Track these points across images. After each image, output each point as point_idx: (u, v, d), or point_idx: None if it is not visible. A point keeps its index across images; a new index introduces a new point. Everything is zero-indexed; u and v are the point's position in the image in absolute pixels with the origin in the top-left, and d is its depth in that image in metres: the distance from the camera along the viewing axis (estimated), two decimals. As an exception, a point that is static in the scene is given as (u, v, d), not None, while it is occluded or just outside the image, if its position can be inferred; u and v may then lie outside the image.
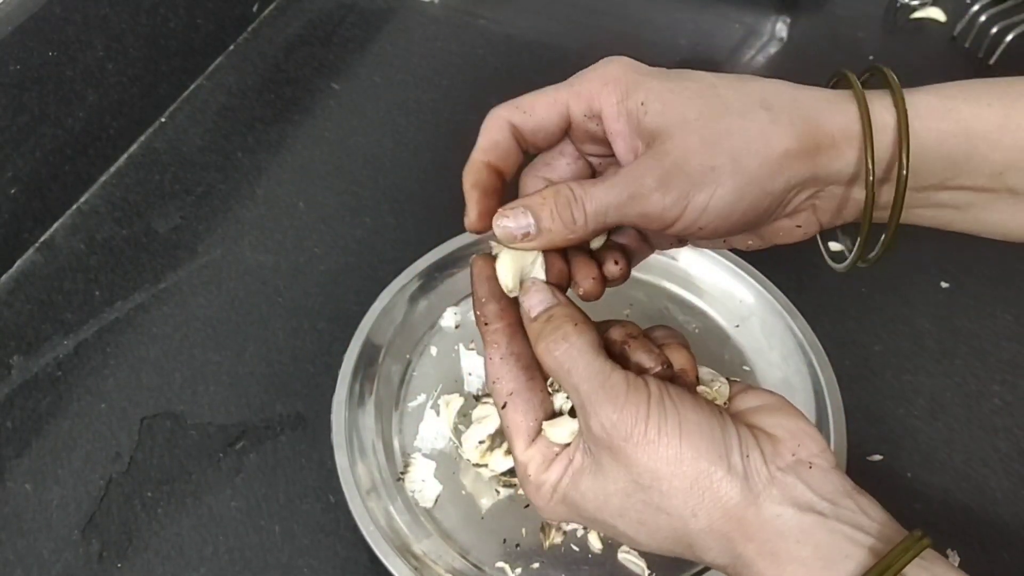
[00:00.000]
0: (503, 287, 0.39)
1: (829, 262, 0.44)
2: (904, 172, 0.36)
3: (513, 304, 0.39)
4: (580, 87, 0.39)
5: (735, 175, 0.35)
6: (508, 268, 0.39)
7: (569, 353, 0.36)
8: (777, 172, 0.36)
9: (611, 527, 0.36)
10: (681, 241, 0.42)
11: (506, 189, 0.40)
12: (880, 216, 0.39)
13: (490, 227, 0.39)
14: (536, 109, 0.39)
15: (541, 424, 0.38)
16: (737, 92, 0.37)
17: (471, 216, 0.39)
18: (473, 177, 0.40)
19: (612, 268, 0.41)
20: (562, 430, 0.37)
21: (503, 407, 0.38)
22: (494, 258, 0.39)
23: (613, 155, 0.39)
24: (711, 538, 0.34)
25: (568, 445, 0.37)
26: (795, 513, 0.33)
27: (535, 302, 0.38)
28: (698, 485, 0.34)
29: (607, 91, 0.38)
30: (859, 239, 0.39)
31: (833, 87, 0.39)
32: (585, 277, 0.40)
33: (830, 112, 0.37)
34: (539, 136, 0.40)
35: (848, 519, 0.33)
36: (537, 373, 0.39)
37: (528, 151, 0.41)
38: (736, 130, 0.36)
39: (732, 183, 0.35)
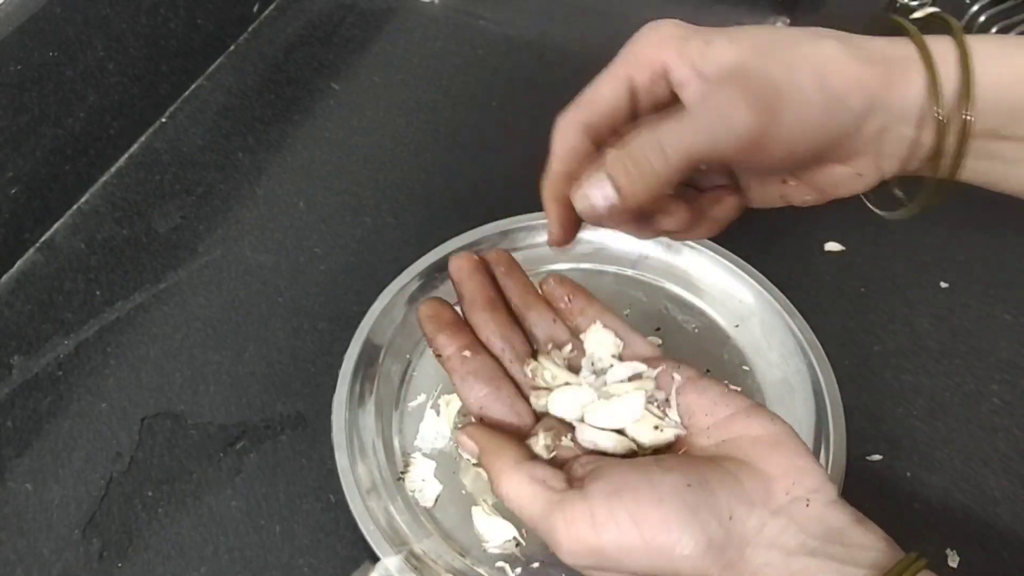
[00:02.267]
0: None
1: (876, 210, 0.42)
2: (968, 108, 0.36)
3: (463, 325, 0.42)
4: (636, 55, 0.37)
5: (820, 91, 0.35)
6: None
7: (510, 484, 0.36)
8: (857, 89, 0.36)
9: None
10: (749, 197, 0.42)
11: None
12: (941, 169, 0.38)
13: (573, 241, 0.39)
14: (601, 95, 0.38)
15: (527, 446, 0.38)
16: (801, 29, 0.37)
17: (554, 232, 0.38)
18: (553, 190, 0.38)
19: (726, 203, 0.40)
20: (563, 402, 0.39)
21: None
22: (436, 300, 0.43)
23: None
24: None
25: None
26: (783, 558, 0.33)
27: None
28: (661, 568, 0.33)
29: (665, 47, 0.37)
30: (928, 180, 0.39)
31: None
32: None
33: (894, 45, 0.37)
34: (615, 121, 0.38)
35: (839, 555, 0.33)
36: (504, 382, 0.41)
37: (604, 145, 0.38)
38: (811, 53, 0.35)
39: (819, 98, 0.35)
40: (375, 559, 0.45)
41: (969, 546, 0.48)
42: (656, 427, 0.39)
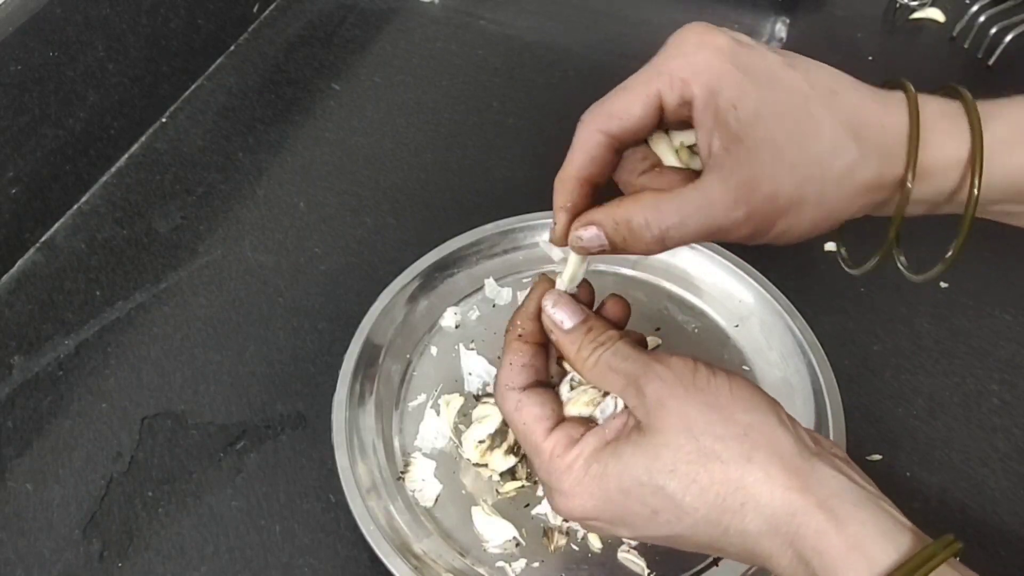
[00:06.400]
0: (559, 284, 0.41)
1: (845, 267, 0.45)
2: (974, 196, 0.37)
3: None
4: (671, 73, 0.36)
5: (818, 208, 0.37)
6: (570, 271, 0.41)
7: (621, 352, 0.38)
8: (855, 201, 0.37)
9: (658, 488, 0.35)
10: None
11: (598, 197, 0.39)
12: (912, 212, 0.39)
13: None
14: (632, 111, 0.37)
15: (558, 414, 0.39)
16: (830, 111, 0.36)
17: (558, 235, 0.39)
18: (565, 197, 0.38)
19: None
20: (578, 405, 0.39)
21: (516, 407, 0.39)
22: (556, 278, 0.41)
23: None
24: (767, 487, 0.33)
25: (590, 423, 0.38)
26: (848, 482, 0.34)
27: (566, 315, 0.39)
28: (752, 431, 0.35)
29: (699, 81, 0.36)
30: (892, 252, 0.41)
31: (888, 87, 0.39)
32: None
33: (920, 147, 0.37)
34: (639, 135, 0.38)
35: (890, 506, 0.34)
36: (546, 382, 0.41)
37: (623, 150, 0.39)
38: (825, 164, 0.36)
39: (813, 215, 0.37)
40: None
41: (967, 544, 0.47)
42: None
